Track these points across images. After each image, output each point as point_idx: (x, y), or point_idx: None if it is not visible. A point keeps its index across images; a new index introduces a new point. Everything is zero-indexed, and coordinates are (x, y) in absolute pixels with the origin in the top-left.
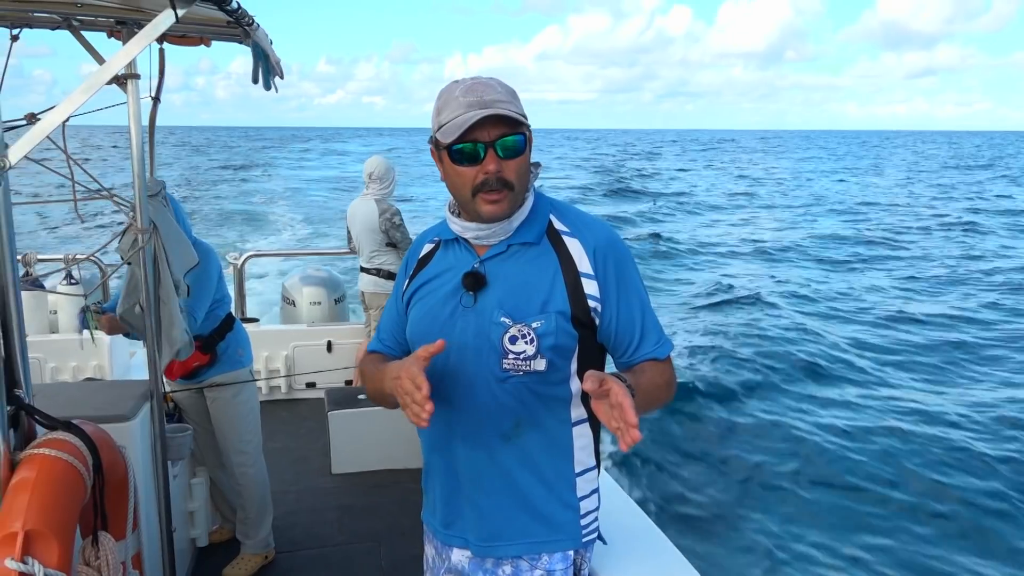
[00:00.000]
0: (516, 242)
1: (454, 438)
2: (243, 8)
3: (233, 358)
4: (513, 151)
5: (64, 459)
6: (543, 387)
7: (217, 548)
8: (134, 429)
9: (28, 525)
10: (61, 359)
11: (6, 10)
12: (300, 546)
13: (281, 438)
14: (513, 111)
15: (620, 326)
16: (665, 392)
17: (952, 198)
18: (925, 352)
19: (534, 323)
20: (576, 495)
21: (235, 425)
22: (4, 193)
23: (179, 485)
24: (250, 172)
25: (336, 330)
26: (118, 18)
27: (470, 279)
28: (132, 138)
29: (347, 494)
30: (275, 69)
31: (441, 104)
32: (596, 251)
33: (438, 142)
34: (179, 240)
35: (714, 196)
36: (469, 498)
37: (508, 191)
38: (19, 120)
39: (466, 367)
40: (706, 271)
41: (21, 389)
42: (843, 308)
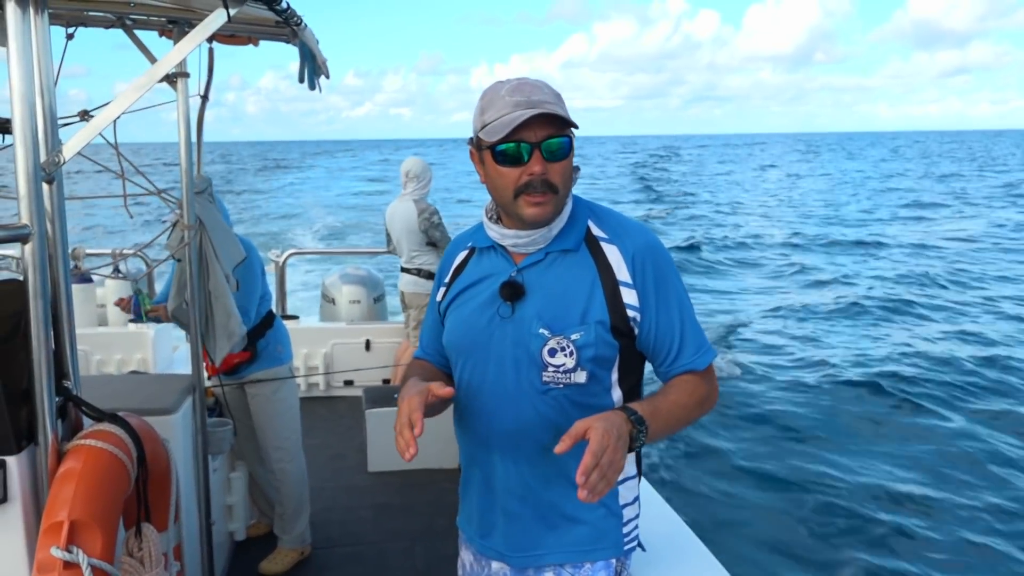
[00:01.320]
0: (554, 249)
1: (492, 450)
2: (292, 8)
3: (273, 355)
4: (559, 153)
5: (109, 451)
6: (584, 398)
7: (254, 542)
8: (176, 422)
9: (74, 515)
10: (107, 352)
11: (62, 9)
12: (336, 543)
13: (319, 435)
14: (560, 112)
15: (659, 335)
16: (696, 411)
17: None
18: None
19: (573, 335)
20: (619, 502)
21: (274, 421)
22: (58, 188)
23: (218, 479)
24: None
25: (375, 329)
26: (170, 17)
27: (508, 289)
28: (180, 135)
29: (383, 492)
30: (321, 69)
31: (485, 103)
32: (635, 258)
33: (480, 142)
34: (226, 235)
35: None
36: (506, 510)
37: (552, 194)
38: (72, 117)
39: (505, 379)
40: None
41: (70, 381)
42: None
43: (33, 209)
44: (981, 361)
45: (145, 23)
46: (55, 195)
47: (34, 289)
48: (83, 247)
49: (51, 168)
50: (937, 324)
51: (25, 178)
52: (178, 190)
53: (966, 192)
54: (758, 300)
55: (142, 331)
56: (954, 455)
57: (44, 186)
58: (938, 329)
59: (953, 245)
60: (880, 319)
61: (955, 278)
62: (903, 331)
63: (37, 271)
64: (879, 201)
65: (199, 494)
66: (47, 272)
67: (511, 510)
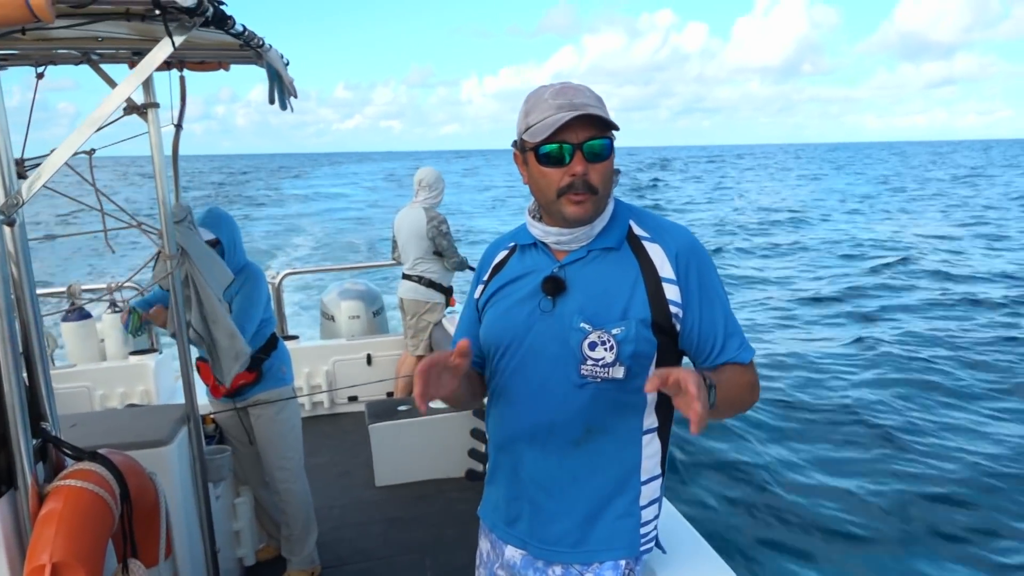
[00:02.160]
0: (597, 247)
1: (522, 440)
2: (250, 30)
3: (277, 376)
4: (600, 155)
5: (90, 489)
6: (620, 395)
7: (264, 566)
8: (171, 453)
9: (56, 557)
10: (109, 386)
11: (31, 49)
12: (346, 561)
13: (325, 453)
14: (603, 113)
15: (703, 331)
16: (748, 393)
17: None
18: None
19: (614, 330)
20: (639, 503)
21: (277, 442)
22: (21, 229)
23: (223, 505)
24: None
25: (375, 343)
26: (135, 49)
27: (550, 284)
28: (155, 166)
29: (391, 506)
30: (289, 89)
31: (530, 107)
32: (679, 256)
33: (524, 144)
34: (211, 260)
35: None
36: (533, 500)
37: (593, 195)
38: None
39: (541, 371)
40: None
41: (48, 422)
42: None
43: None
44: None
45: (112, 56)
46: (17, 237)
47: (1, 333)
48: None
49: (10, 211)
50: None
51: None
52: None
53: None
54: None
55: (143, 362)
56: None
57: (5, 229)
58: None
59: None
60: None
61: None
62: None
63: (2, 315)
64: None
65: (202, 522)
66: (13, 316)
67: (537, 500)
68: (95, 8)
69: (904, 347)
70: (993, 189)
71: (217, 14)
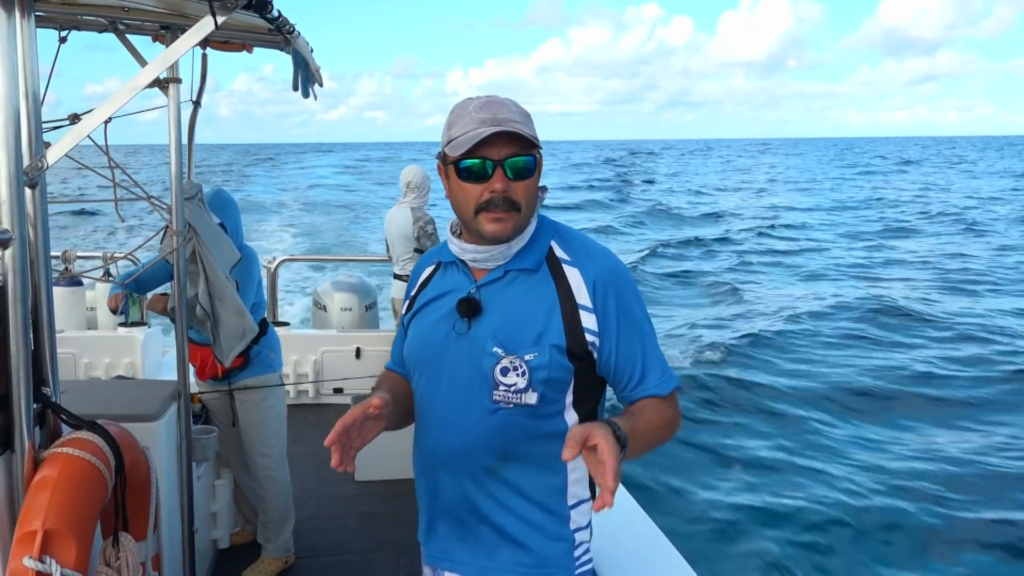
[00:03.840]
0: (514, 268)
1: (439, 465)
2: (284, 16)
3: (265, 362)
4: (523, 172)
5: (86, 459)
6: (534, 420)
7: (238, 550)
8: (160, 429)
9: (48, 524)
10: (95, 355)
11: (55, 12)
12: (320, 552)
13: (307, 443)
14: (526, 131)
15: (620, 361)
16: (665, 432)
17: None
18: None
19: (527, 355)
20: (570, 527)
21: (261, 428)
22: (41, 193)
23: (203, 486)
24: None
25: (365, 336)
26: (163, 23)
27: (464, 305)
28: (171, 141)
29: (369, 501)
30: (315, 77)
31: (453, 118)
32: (596, 282)
33: (446, 156)
34: (219, 238)
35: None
36: (455, 522)
37: (515, 212)
38: (62, 120)
39: (456, 395)
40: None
41: (49, 387)
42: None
43: (14, 213)
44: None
45: (138, 28)
46: (38, 200)
47: (13, 294)
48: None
49: (34, 173)
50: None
51: (7, 182)
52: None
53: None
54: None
55: (132, 335)
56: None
57: (27, 191)
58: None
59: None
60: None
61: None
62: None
63: (17, 276)
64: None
65: (183, 501)
66: (27, 277)
67: (458, 522)
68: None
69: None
70: (858, 191)
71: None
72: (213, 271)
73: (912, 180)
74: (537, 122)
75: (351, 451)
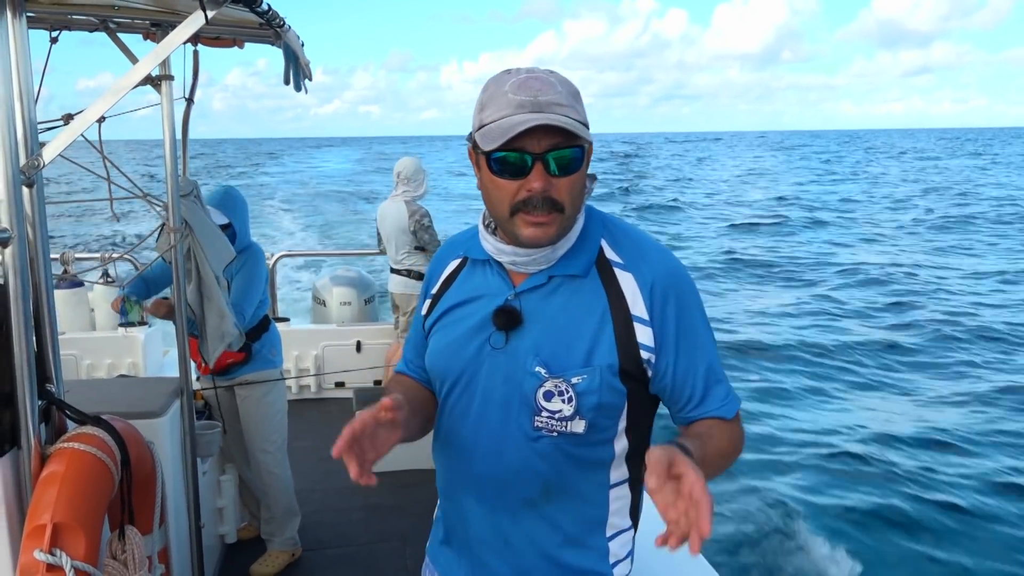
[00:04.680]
0: (559, 274)
1: (468, 493)
2: (274, 10)
3: (266, 358)
4: (567, 167)
5: (93, 453)
6: (580, 449)
7: (245, 545)
8: (164, 425)
9: (56, 518)
10: (97, 356)
11: (45, 12)
12: (326, 544)
13: (309, 437)
14: (572, 118)
15: (678, 380)
16: (731, 458)
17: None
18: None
19: (574, 378)
20: (609, 562)
21: (262, 424)
22: (39, 192)
23: (208, 482)
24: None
25: (366, 330)
26: (153, 20)
27: (503, 317)
28: (165, 138)
29: (374, 493)
30: (305, 71)
31: (486, 98)
32: (653, 289)
33: (476, 144)
34: (214, 236)
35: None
36: (480, 561)
37: (557, 213)
38: (56, 120)
39: (490, 417)
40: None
41: (53, 384)
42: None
43: (13, 213)
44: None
45: (129, 26)
46: (35, 199)
47: (14, 292)
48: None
49: (31, 172)
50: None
51: (4, 182)
52: (164, 193)
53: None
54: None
55: (133, 335)
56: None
57: (24, 190)
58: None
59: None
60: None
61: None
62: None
63: (17, 274)
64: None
65: (188, 497)
66: (27, 275)
67: (485, 562)
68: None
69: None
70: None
71: None
72: (205, 271)
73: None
74: None
75: (367, 463)
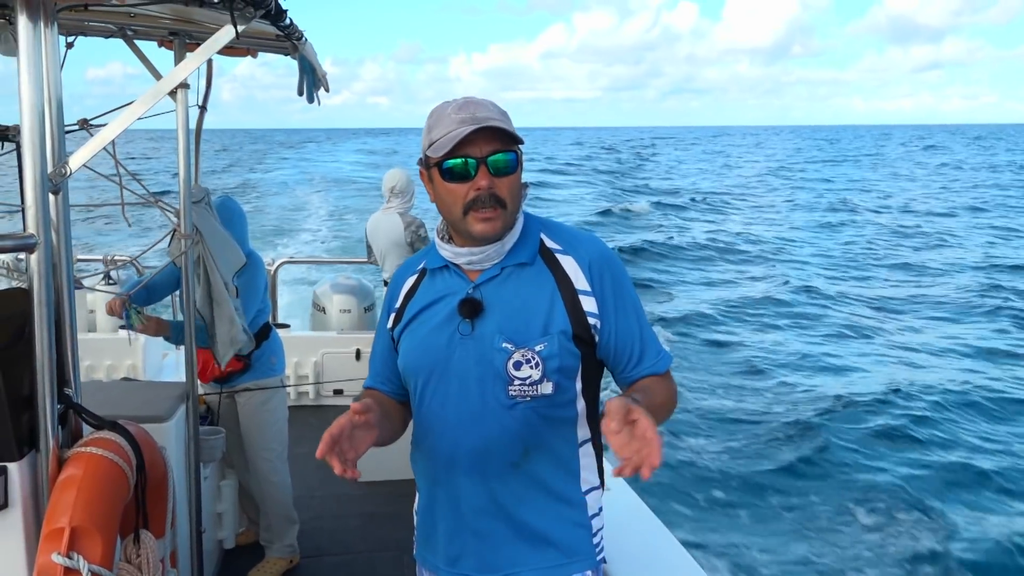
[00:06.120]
0: (510, 264)
1: (458, 470)
2: (295, 24)
3: (267, 366)
4: (505, 168)
5: (110, 458)
6: (551, 410)
7: (243, 551)
8: (170, 430)
9: (74, 521)
10: (96, 358)
11: (63, 19)
12: (324, 552)
13: (308, 444)
14: (505, 126)
15: (619, 341)
16: (671, 409)
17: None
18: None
19: (537, 346)
20: (587, 513)
21: (262, 432)
22: (64, 199)
23: (209, 487)
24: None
25: (365, 338)
26: (171, 29)
27: (467, 306)
28: (179, 146)
29: (372, 502)
30: (321, 82)
31: (432, 122)
32: (591, 266)
33: (428, 160)
34: (225, 243)
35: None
36: (476, 531)
37: (501, 209)
38: (72, 125)
39: (469, 397)
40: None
41: (71, 388)
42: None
43: (40, 219)
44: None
45: (146, 33)
46: (60, 205)
47: (39, 297)
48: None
49: (57, 179)
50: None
51: (32, 188)
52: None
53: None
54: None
55: (134, 337)
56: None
57: (50, 196)
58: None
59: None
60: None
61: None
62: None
63: (43, 280)
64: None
65: (191, 501)
66: (51, 281)
67: (482, 529)
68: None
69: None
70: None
71: (277, 9)
72: (214, 277)
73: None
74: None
75: (348, 460)
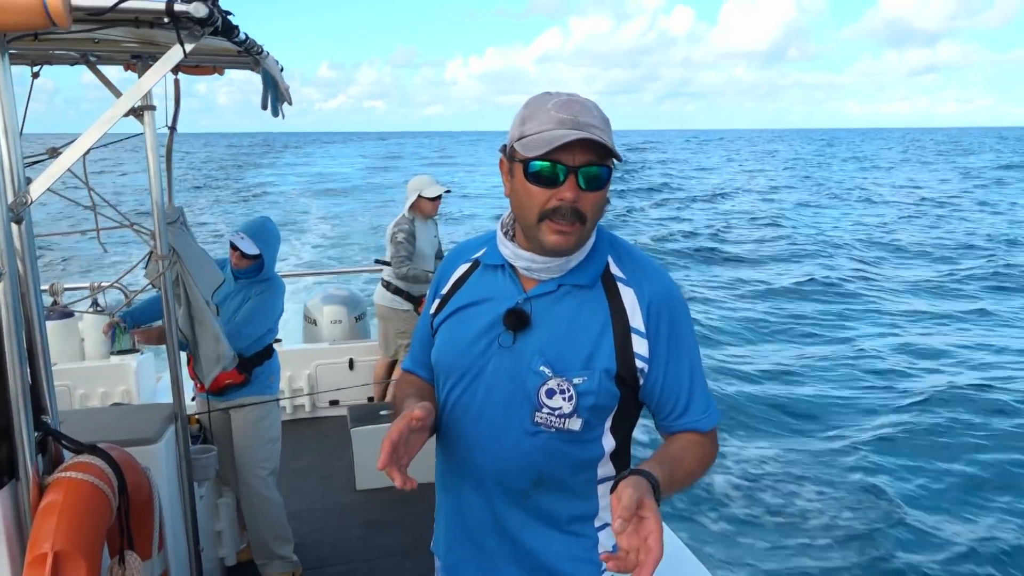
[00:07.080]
0: (568, 282)
1: (467, 483)
2: (251, 39)
3: (264, 383)
4: (596, 183)
5: (90, 481)
6: (573, 446)
7: (245, 567)
8: (159, 451)
9: (57, 546)
10: (90, 385)
11: (27, 49)
12: (326, 563)
13: (306, 456)
14: (606, 140)
15: (665, 389)
16: (699, 476)
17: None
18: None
19: (576, 379)
20: (598, 551)
21: (255, 449)
22: (27, 227)
23: (206, 505)
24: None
25: (357, 347)
26: (133, 52)
27: (513, 317)
28: (150, 168)
29: (372, 510)
30: (283, 96)
31: (528, 113)
32: (651, 305)
33: (514, 153)
34: (202, 262)
35: None
36: (477, 544)
37: (580, 224)
38: (41, 155)
39: (493, 411)
40: None
41: (48, 415)
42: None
43: (3, 250)
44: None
45: (109, 59)
46: (24, 234)
47: (7, 328)
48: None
49: (19, 208)
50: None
51: None
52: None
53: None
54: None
55: (125, 363)
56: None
57: (13, 226)
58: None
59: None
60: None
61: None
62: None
63: (10, 310)
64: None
65: (186, 521)
66: (19, 310)
67: (483, 545)
68: (110, 15)
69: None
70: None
71: (226, 24)
72: (194, 296)
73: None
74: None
75: (403, 467)
